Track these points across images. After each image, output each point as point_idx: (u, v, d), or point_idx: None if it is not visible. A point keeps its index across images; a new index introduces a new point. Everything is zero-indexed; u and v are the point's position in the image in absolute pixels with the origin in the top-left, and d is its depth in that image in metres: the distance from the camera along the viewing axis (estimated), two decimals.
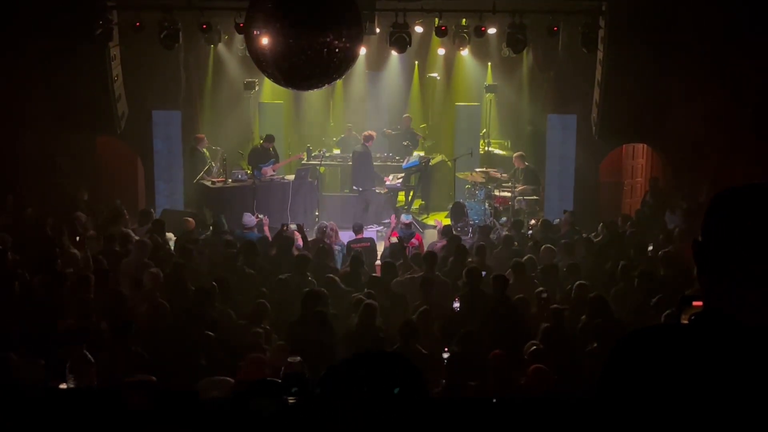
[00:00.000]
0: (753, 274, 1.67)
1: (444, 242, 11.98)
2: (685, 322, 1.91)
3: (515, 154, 15.76)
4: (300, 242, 11.87)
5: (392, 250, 11.36)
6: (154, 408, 4.33)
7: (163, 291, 9.24)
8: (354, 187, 15.61)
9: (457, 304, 8.85)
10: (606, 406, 1.68)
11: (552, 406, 4.62)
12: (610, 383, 1.69)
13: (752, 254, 1.67)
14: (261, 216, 13.53)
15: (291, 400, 3.64)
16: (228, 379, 5.92)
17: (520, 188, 15.17)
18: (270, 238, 12.15)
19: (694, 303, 1.95)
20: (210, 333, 7.51)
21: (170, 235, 12.77)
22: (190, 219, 12.93)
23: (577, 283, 9.39)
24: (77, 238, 11.00)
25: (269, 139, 15.67)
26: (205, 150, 15.72)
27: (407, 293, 9.45)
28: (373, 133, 15.89)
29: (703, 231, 1.78)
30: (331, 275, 9.77)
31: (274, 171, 15.52)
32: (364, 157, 15.43)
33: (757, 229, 1.67)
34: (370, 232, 14.07)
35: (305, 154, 16.73)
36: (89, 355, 6.06)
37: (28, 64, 13.46)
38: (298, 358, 6.31)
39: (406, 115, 17.86)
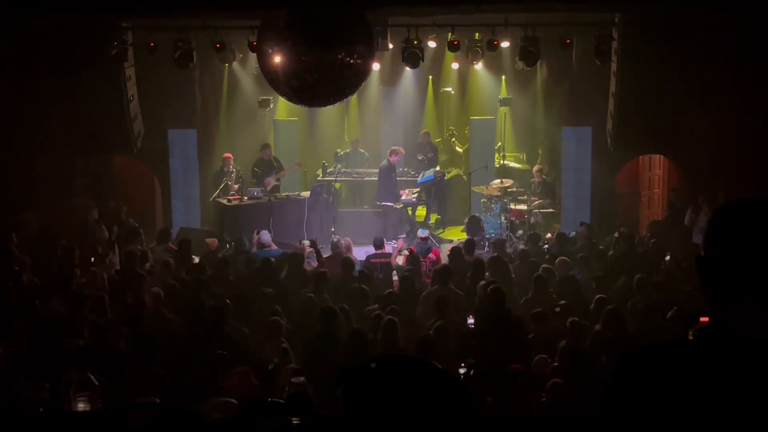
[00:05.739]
0: (757, 290, 1.63)
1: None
2: (691, 338, 1.89)
3: (535, 167, 15.71)
4: (314, 258, 11.85)
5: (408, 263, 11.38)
6: (158, 430, 4.30)
7: (177, 309, 9.25)
8: (377, 202, 15.62)
9: (471, 320, 8.79)
10: (610, 421, 1.66)
11: (571, 425, 4.56)
12: (614, 398, 1.68)
13: (755, 269, 1.64)
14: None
15: (295, 421, 3.61)
16: (232, 400, 5.88)
17: (536, 202, 15.16)
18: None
19: (701, 319, 1.92)
20: (225, 352, 7.48)
21: None
22: (213, 239, 12.93)
23: (597, 296, 9.32)
24: (92, 259, 11.03)
25: (265, 147, 15.75)
26: (231, 168, 15.79)
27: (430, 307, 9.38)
28: (400, 149, 15.83)
29: (705, 245, 1.74)
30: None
31: (277, 180, 15.56)
32: (385, 172, 15.40)
33: (760, 244, 1.64)
34: (387, 247, 14.02)
35: (320, 170, 16.77)
36: (93, 378, 6.04)
37: (44, 85, 13.58)
38: (302, 378, 6.26)
39: (425, 131, 17.80)
